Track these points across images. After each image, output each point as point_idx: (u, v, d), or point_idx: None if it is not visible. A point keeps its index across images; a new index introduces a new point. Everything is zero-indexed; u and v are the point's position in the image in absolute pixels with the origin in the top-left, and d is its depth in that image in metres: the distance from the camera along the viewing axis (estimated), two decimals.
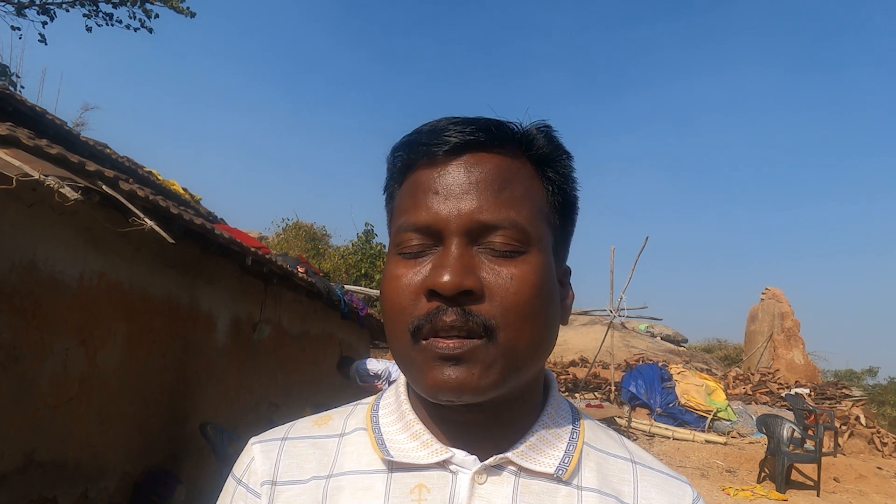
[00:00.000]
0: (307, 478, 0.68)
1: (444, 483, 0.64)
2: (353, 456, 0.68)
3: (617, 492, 0.67)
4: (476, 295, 0.59)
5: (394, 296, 0.63)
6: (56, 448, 4.12)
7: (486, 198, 0.62)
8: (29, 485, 3.92)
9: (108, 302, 4.39)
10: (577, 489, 0.66)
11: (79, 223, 3.87)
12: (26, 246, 3.57)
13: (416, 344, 0.61)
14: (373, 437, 0.69)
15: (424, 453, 0.65)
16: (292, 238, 19.47)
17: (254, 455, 0.70)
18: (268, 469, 0.68)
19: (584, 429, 0.72)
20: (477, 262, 0.61)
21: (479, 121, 0.66)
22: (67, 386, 4.15)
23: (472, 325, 0.59)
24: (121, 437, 4.73)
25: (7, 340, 3.57)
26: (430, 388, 0.60)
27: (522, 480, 0.65)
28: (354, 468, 0.67)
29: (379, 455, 0.67)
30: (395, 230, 0.66)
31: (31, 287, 3.66)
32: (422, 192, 0.64)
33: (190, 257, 5.19)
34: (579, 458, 0.68)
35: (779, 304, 17.32)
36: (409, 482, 0.65)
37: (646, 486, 0.69)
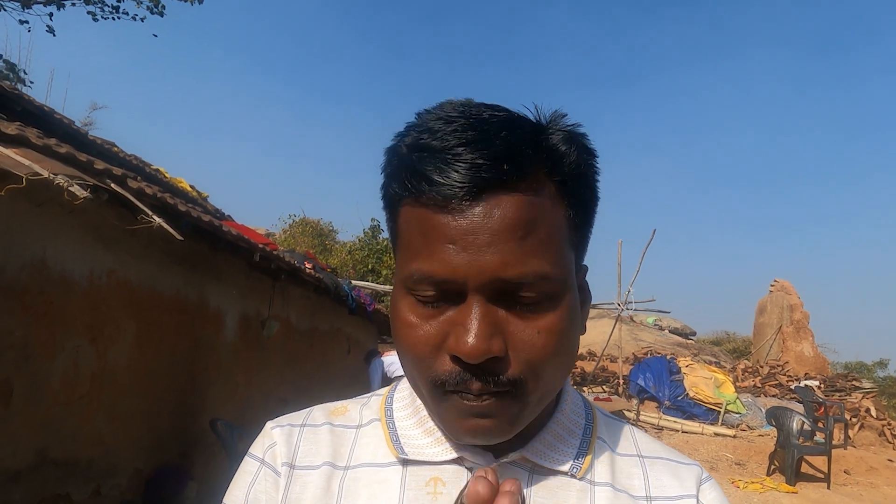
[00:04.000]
0: (322, 464, 0.68)
1: (459, 477, 0.64)
2: (370, 448, 0.69)
3: (628, 486, 0.67)
4: (502, 357, 0.57)
5: (411, 346, 0.60)
6: (68, 445, 4.15)
7: (509, 249, 0.55)
8: (42, 482, 3.95)
9: (117, 300, 4.41)
10: (591, 484, 0.66)
11: (88, 222, 3.89)
12: (36, 245, 3.58)
13: (440, 394, 0.59)
14: (387, 432, 0.69)
15: (438, 450, 0.66)
16: (299, 234, 19.52)
17: (275, 438, 0.70)
18: (287, 452, 0.69)
19: (597, 424, 0.72)
20: (501, 319, 0.57)
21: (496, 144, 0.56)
22: (79, 383, 4.17)
23: (500, 385, 0.57)
24: (132, 434, 4.75)
25: (19, 339, 3.59)
26: (457, 435, 0.60)
27: (536, 477, 0.65)
28: (370, 460, 0.67)
29: (393, 453, 0.67)
30: (405, 272, 0.59)
31: (41, 285, 3.68)
32: (434, 237, 0.57)
33: (198, 254, 5.20)
34: (593, 454, 0.68)
35: (787, 297, 17.25)
36: (424, 475, 0.65)
37: (656, 476, 0.69)
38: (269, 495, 0.67)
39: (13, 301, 3.49)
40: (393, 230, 0.64)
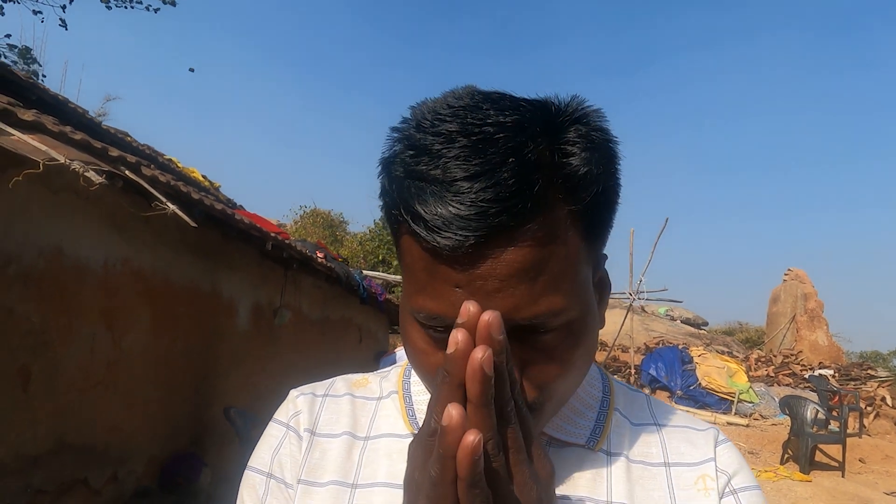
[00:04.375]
0: (339, 432, 0.68)
1: None
2: (390, 420, 0.69)
3: (644, 455, 0.67)
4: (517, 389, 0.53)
5: (425, 371, 0.58)
6: (86, 431, 4.20)
7: (520, 293, 0.51)
8: (61, 466, 4.01)
9: (132, 287, 4.46)
10: (607, 454, 0.66)
11: (103, 209, 3.92)
12: (53, 232, 3.62)
13: None
14: (403, 406, 0.69)
15: None
16: (310, 225, 19.59)
17: (299, 406, 0.71)
18: (309, 419, 0.70)
19: (614, 395, 0.72)
20: (515, 352, 0.53)
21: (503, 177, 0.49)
22: (95, 370, 4.22)
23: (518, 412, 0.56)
24: (147, 421, 4.81)
25: (36, 325, 3.64)
26: None
27: (553, 450, 0.65)
28: (390, 431, 0.68)
29: (409, 428, 0.67)
30: (411, 303, 0.56)
31: (57, 273, 3.72)
32: (439, 279, 0.52)
33: (211, 243, 5.23)
34: (609, 426, 0.68)
35: (802, 285, 17.11)
36: None
37: (674, 444, 0.69)
38: (294, 459, 0.68)
39: (30, 288, 3.53)
40: (397, 246, 0.60)
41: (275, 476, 0.68)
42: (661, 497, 0.64)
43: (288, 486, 0.68)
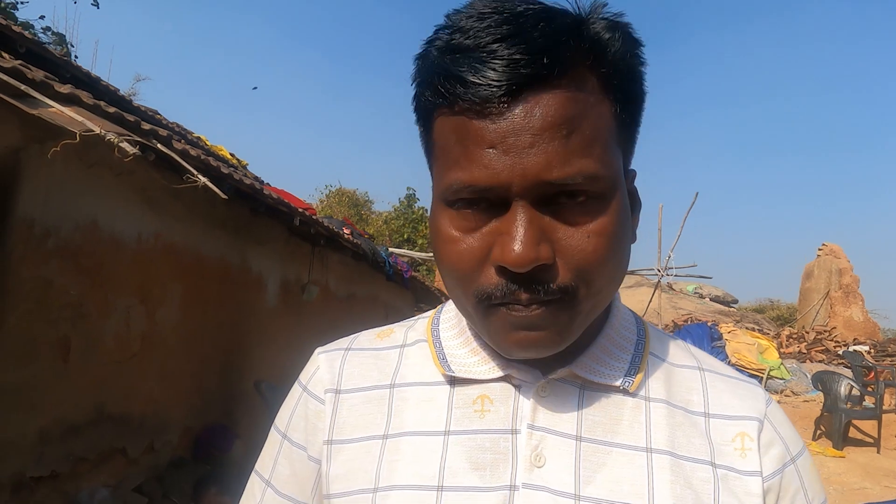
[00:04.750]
0: (369, 386, 0.68)
1: (507, 395, 0.63)
2: (416, 368, 0.68)
3: (685, 401, 0.65)
4: (550, 264, 0.54)
5: (453, 262, 0.57)
6: (123, 402, 4.32)
7: (553, 149, 0.52)
8: (100, 436, 4.14)
9: (164, 262, 4.54)
10: (645, 400, 0.64)
11: (135, 184, 3.99)
12: (88, 206, 3.69)
13: (486, 308, 0.57)
14: (434, 350, 0.68)
15: (485, 368, 0.64)
16: (335, 204, 19.69)
17: (319, 364, 0.71)
18: (331, 377, 0.69)
19: (650, 339, 0.69)
20: (548, 225, 0.54)
21: (533, 37, 0.52)
22: (130, 343, 4.33)
23: (550, 294, 0.54)
24: (181, 394, 4.93)
25: (74, 298, 3.73)
26: (506, 350, 0.58)
27: (588, 393, 0.63)
28: (417, 380, 0.67)
29: (440, 370, 0.66)
30: (444, 184, 0.57)
31: (93, 246, 3.80)
32: (473, 143, 0.53)
33: (240, 219, 5.30)
34: (646, 369, 0.65)
35: (836, 261, 16.72)
36: (471, 393, 0.64)
37: (716, 393, 0.66)
38: (309, 422, 0.68)
39: (68, 260, 3.62)
40: (428, 143, 0.61)
41: (287, 437, 0.69)
42: (701, 446, 0.62)
43: (298, 447, 0.68)
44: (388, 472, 0.62)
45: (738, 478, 0.61)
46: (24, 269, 3.35)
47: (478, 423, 0.62)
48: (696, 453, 0.61)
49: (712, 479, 0.60)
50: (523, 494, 0.58)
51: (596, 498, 0.58)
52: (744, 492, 0.60)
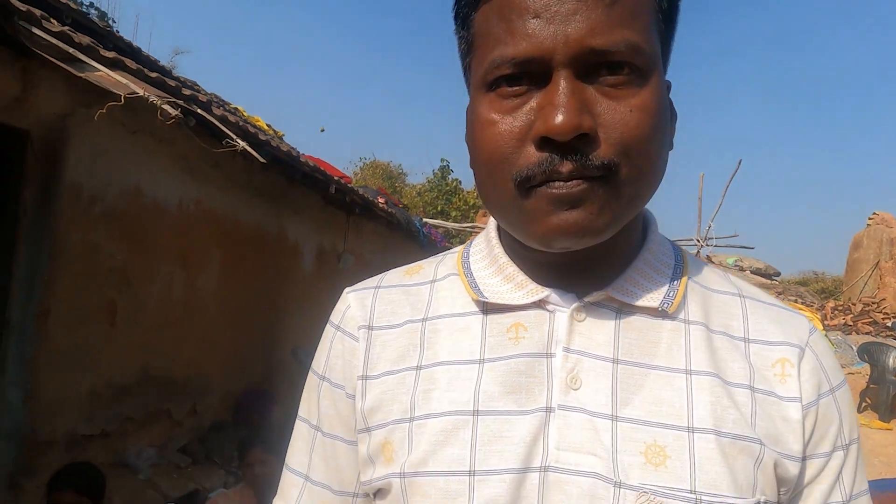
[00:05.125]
0: (401, 322, 0.67)
1: (541, 321, 0.62)
2: (448, 300, 0.67)
3: (725, 326, 0.63)
4: (592, 136, 0.53)
5: (492, 145, 0.56)
6: (167, 365, 4.45)
7: (596, 17, 0.52)
8: (146, 397, 4.27)
9: (204, 229, 4.62)
10: (684, 323, 0.62)
11: (176, 151, 4.05)
12: (132, 172, 3.77)
13: (525, 193, 0.56)
14: (465, 280, 0.67)
15: (519, 294, 0.63)
16: (370, 177, 19.77)
17: (349, 303, 0.70)
18: (363, 315, 0.68)
19: (688, 264, 0.67)
20: (590, 97, 0.54)
21: None
22: (172, 308, 4.44)
23: (592, 168, 0.53)
24: (221, 359, 5.04)
25: (120, 263, 3.83)
26: (544, 237, 0.56)
27: (624, 317, 0.62)
28: (449, 311, 0.66)
29: (473, 297, 0.65)
30: (485, 65, 0.56)
31: (137, 212, 3.89)
32: (516, 14, 0.54)
33: (277, 187, 5.34)
34: (684, 293, 0.64)
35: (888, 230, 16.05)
36: (505, 322, 0.63)
37: (757, 319, 0.64)
38: (345, 360, 0.68)
39: (113, 226, 3.71)
40: (468, 41, 0.61)
41: (326, 378, 0.69)
42: (741, 370, 0.61)
43: (338, 386, 0.68)
44: (423, 401, 0.62)
45: (776, 402, 0.60)
46: (72, 233, 3.44)
47: (512, 350, 0.61)
48: (736, 377, 0.60)
49: (750, 403, 0.59)
50: (559, 416, 0.58)
51: (634, 418, 0.58)
52: (781, 417, 0.60)
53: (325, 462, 0.69)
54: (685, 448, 0.56)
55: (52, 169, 3.24)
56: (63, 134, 3.23)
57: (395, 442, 0.62)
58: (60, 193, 3.30)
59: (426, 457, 0.59)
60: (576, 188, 0.54)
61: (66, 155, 3.27)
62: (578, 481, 0.56)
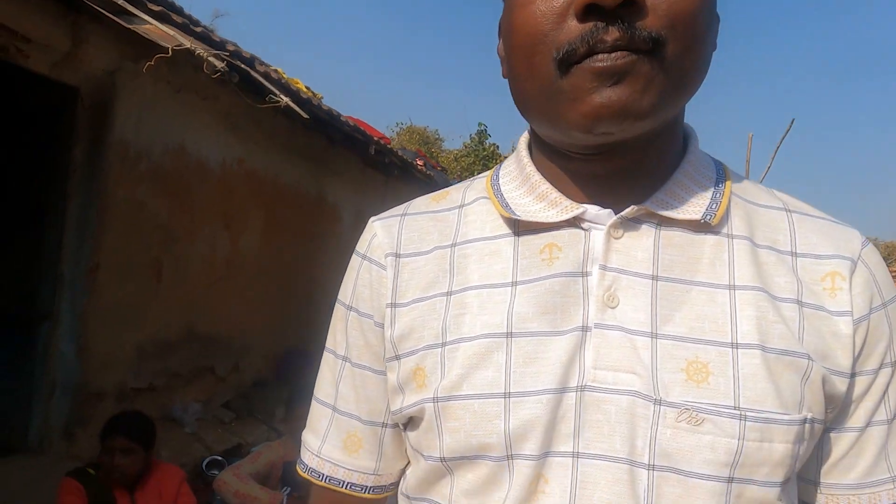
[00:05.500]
0: (430, 248, 0.65)
1: (576, 240, 0.60)
2: (477, 224, 0.65)
3: (771, 241, 0.60)
4: (640, 4, 0.50)
5: (530, 23, 0.53)
6: (210, 323, 4.54)
7: None
8: (191, 353, 4.37)
9: (246, 189, 4.65)
10: (727, 237, 0.59)
11: (219, 109, 4.05)
12: (176, 130, 3.79)
13: (565, 71, 0.52)
14: (496, 201, 0.64)
15: (553, 212, 0.60)
16: (406, 142, 19.69)
17: (375, 231, 0.69)
18: (390, 242, 0.67)
19: (731, 177, 0.64)
20: None
21: None
22: (216, 267, 4.50)
23: (638, 40, 0.50)
24: (263, 319, 5.12)
25: (165, 220, 3.88)
26: (585, 118, 0.53)
27: (664, 232, 0.59)
28: (478, 235, 0.64)
29: (504, 215, 0.63)
30: None
31: (181, 171, 3.92)
32: None
33: (317, 148, 5.34)
34: (727, 206, 0.61)
35: None
36: (538, 243, 0.61)
37: (804, 233, 0.61)
38: (373, 288, 0.66)
39: (159, 184, 3.75)
40: None
41: (354, 308, 0.68)
42: (788, 284, 0.58)
43: (366, 316, 0.67)
44: (454, 326, 0.60)
45: (826, 317, 0.58)
46: (119, 190, 3.49)
47: (546, 270, 0.59)
48: (782, 291, 0.58)
49: (798, 318, 0.57)
50: (596, 335, 0.57)
51: (674, 335, 0.56)
52: (831, 332, 0.58)
53: (355, 392, 0.69)
54: (728, 364, 0.55)
55: (100, 126, 3.28)
56: (111, 91, 3.26)
57: (427, 368, 0.61)
58: (108, 150, 3.34)
59: (460, 381, 0.58)
60: (620, 60, 0.50)
61: (113, 112, 3.30)
62: (617, 400, 0.55)
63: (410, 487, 0.65)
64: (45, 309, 3.45)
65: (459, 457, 0.58)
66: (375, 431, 0.69)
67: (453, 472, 0.60)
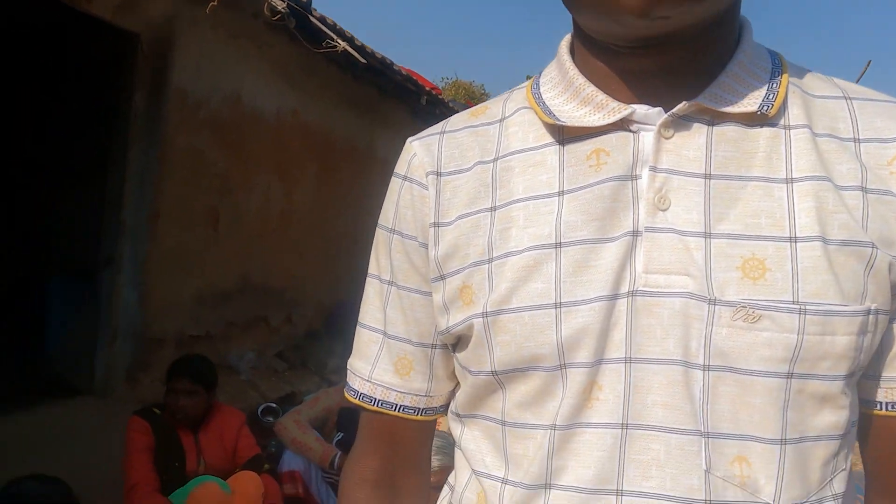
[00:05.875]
0: (471, 164, 0.64)
1: (624, 143, 0.57)
2: (519, 135, 0.63)
3: (832, 129, 0.57)
4: None
5: None
6: (265, 274, 4.59)
7: None
8: (247, 304, 4.45)
9: (300, 140, 4.63)
10: (784, 129, 0.56)
11: (274, 58, 4.01)
12: (233, 78, 3.77)
13: None
14: (538, 109, 0.62)
15: (599, 115, 0.58)
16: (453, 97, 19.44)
17: (414, 151, 0.67)
18: (431, 161, 0.65)
19: (787, 67, 0.60)
20: None
21: None
22: (270, 218, 4.53)
23: None
24: (315, 270, 5.17)
25: (222, 170, 3.90)
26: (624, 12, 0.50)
27: (717, 128, 0.56)
28: (521, 147, 0.62)
29: (548, 122, 0.60)
30: None
31: (237, 120, 3.91)
32: None
33: (368, 99, 5.28)
34: (784, 96, 0.57)
35: None
36: (584, 149, 0.58)
37: (867, 118, 0.58)
38: (415, 209, 0.65)
39: (216, 133, 3.75)
40: None
41: (396, 230, 0.67)
42: (851, 171, 0.55)
43: (409, 237, 0.66)
44: (500, 241, 0.59)
45: (893, 202, 0.55)
46: (179, 138, 3.50)
47: (594, 177, 0.57)
48: (845, 179, 0.55)
49: (862, 206, 0.55)
50: (646, 238, 0.55)
51: (729, 233, 0.54)
52: None
53: (403, 315, 0.68)
54: (787, 259, 0.53)
55: (160, 73, 3.27)
56: (170, 37, 3.24)
57: (475, 285, 0.60)
58: (168, 97, 3.34)
59: (509, 294, 0.57)
60: None
61: (172, 59, 3.28)
62: (669, 302, 0.54)
63: (461, 406, 0.66)
64: (108, 256, 3.52)
65: (511, 369, 0.58)
66: (426, 353, 0.68)
67: (505, 386, 0.59)
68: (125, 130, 3.29)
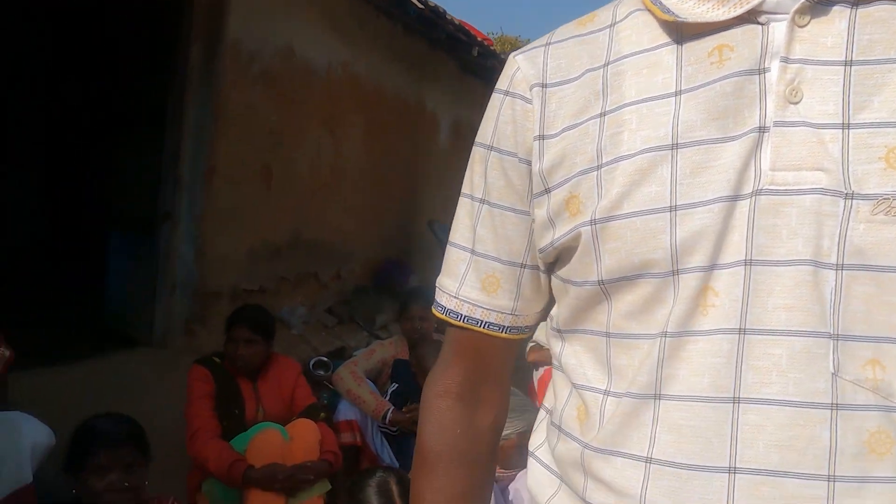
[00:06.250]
0: (579, 73, 0.61)
1: (751, 37, 0.53)
2: (632, 38, 0.59)
3: None
4: None
5: None
6: (315, 230, 4.62)
7: None
8: (297, 259, 4.49)
9: (350, 94, 4.59)
10: None
11: (325, 9, 3.94)
12: (284, 31, 3.74)
13: None
14: (654, 7, 0.57)
15: (724, 9, 0.53)
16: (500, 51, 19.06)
17: (518, 65, 0.65)
18: (535, 73, 0.63)
19: None
20: None
21: None
22: (321, 173, 4.53)
23: None
24: (363, 227, 5.18)
25: (275, 125, 3.90)
26: None
27: (861, 10, 0.51)
28: (635, 49, 0.59)
29: (666, 20, 0.56)
30: None
31: (289, 74, 3.89)
32: None
33: (417, 53, 5.18)
34: None
35: None
36: (705, 46, 0.54)
37: None
38: (517, 124, 0.63)
39: (268, 87, 3.74)
40: None
41: (495, 147, 0.66)
42: None
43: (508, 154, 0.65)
44: (611, 145, 0.57)
45: None
46: (233, 93, 3.50)
47: (716, 73, 0.53)
48: None
49: None
50: (775, 134, 0.51)
51: (872, 122, 0.49)
52: None
53: (493, 233, 0.67)
54: None
55: (215, 26, 3.26)
56: None
57: (583, 193, 0.58)
58: (223, 51, 3.33)
59: (620, 199, 0.55)
60: None
61: (226, 11, 3.25)
62: (799, 200, 0.50)
63: (563, 321, 0.64)
64: (165, 211, 3.58)
65: (619, 277, 0.56)
66: (514, 272, 0.68)
67: (611, 296, 0.58)
68: (182, 86, 3.30)
